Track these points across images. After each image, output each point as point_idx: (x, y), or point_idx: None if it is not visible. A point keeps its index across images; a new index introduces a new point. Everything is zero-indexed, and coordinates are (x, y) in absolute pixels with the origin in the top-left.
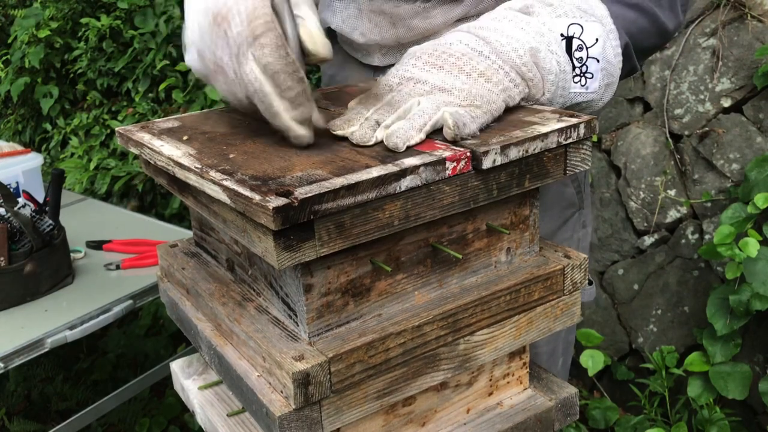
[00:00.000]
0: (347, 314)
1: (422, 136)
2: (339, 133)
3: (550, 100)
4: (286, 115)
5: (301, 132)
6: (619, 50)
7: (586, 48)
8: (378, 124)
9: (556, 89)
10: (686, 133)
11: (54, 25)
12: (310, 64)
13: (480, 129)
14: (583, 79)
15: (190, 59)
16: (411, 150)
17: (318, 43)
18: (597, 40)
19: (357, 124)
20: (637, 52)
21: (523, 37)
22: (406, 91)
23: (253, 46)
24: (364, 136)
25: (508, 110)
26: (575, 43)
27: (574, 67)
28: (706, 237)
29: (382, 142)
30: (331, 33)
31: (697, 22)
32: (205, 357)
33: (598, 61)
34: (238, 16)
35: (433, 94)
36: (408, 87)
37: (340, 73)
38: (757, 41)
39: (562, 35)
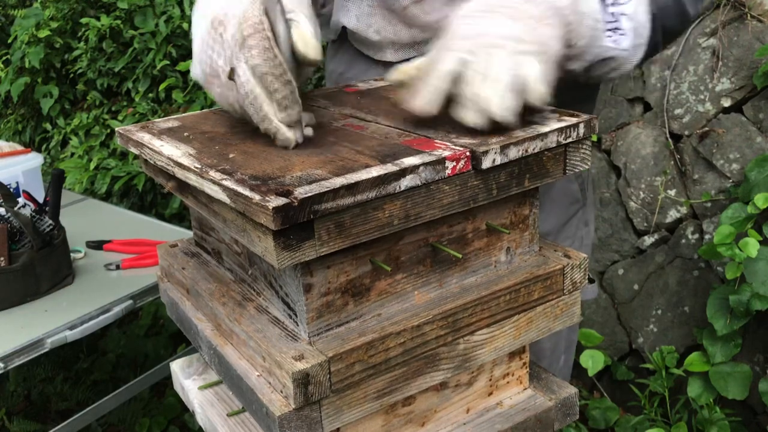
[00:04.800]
0: (347, 314)
1: (512, 95)
2: (406, 107)
3: (586, 47)
4: (274, 118)
5: (288, 135)
6: (648, 16)
7: (619, 4)
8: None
9: (591, 36)
10: (686, 133)
11: (54, 25)
12: (305, 66)
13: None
14: (614, 34)
15: (193, 71)
16: (410, 149)
17: (309, 45)
18: None
19: (430, 92)
20: (660, 30)
21: None
22: (475, 47)
23: (243, 48)
24: (474, 119)
25: None
26: None
27: (606, 21)
28: (706, 237)
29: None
30: (341, 31)
31: (697, 22)
32: (205, 357)
33: (629, 18)
34: (233, 20)
35: (502, 43)
36: (473, 43)
37: (349, 70)
38: (757, 41)
39: None
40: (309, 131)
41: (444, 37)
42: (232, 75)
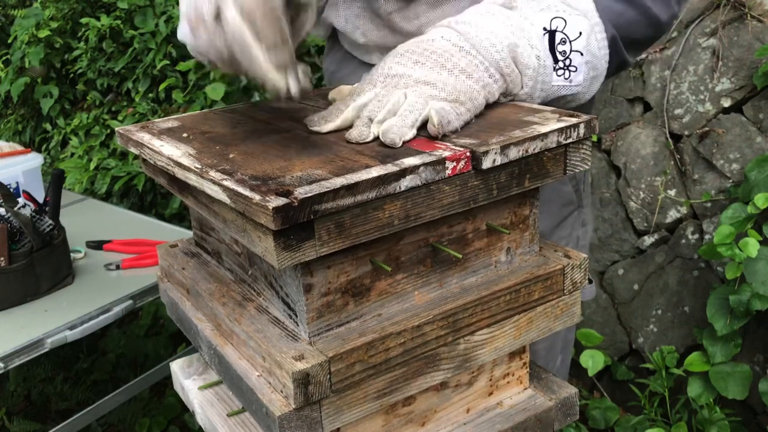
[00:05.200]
0: (347, 314)
1: (414, 131)
2: (315, 129)
3: (530, 94)
4: (264, 61)
5: (277, 78)
6: (605, 43)
7: (570, 41)
8: (371, 120)
9: (534, 84)
10: (686, 133)
11: (54, 25)
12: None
13: (462, 125)
14: (566, 72)
15: (180, 29)
16: (411, 150)
17: None
18: (581, 33)
19: (338, 120)
20: (627, 45)
21: (502, 32)
22: (392, 85)
23: None
24: (361, 134)
25: (508, 110)
26: (558, 36)
27: (556, 61)
28: (706, 237)
29: (377, 138)
30: (333, 31)
31: (697, 22)
32: (205, 357)
33: (582, 54)
34: None
35: (418, 87)
36: (393, 82)
37: (341, 70)
38: (757, 41)
39: (544, 29)
40: (305, 82)
41: (374, 69)
42: (218, 16)
